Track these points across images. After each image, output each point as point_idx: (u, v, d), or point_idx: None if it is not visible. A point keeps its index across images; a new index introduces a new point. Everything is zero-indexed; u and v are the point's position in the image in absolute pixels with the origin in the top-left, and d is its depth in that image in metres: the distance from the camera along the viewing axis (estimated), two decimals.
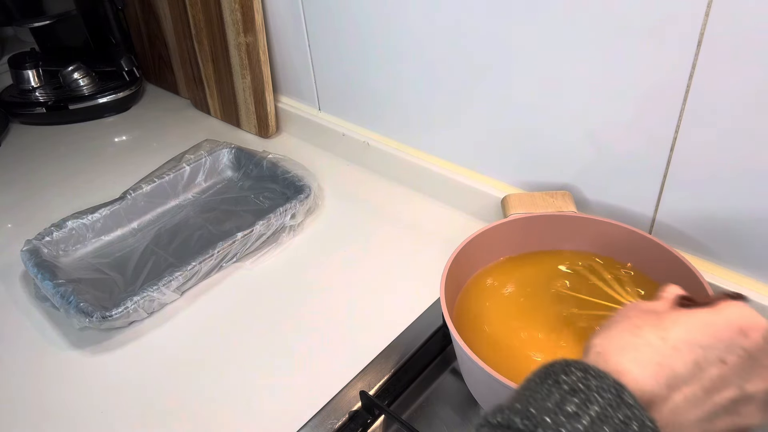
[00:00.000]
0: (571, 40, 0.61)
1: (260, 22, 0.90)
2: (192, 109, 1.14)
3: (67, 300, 0.66)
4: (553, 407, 0.27)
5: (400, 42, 0.76)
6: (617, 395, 0.27)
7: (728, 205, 0.58)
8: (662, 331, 0.30)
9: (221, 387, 0.61)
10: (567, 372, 0.28)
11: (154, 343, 0.67)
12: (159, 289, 0.68)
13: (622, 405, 0.27)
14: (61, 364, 0.65)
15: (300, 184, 0.83)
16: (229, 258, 0.75)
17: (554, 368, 0.29)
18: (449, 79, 0.74)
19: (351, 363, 0.61)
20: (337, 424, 0.56)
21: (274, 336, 0.66)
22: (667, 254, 0.57)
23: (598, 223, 0.62)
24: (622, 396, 0.27)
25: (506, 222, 0.63)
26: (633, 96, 0.59)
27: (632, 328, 0.31)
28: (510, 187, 0.76)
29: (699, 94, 0.55)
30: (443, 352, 0.62)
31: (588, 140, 0.65)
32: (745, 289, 0.59)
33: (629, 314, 0.33)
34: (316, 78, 0.93)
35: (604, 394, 0.27)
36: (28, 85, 1.12)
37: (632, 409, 0.27)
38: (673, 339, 0.30)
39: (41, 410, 0.61)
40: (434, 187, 0.83)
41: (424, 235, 0.79)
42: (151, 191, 0.85)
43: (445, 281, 0.55)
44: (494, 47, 0.67)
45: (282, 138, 1.03)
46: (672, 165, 0.60)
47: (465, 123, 0.76)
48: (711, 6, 0.50)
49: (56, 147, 1.05)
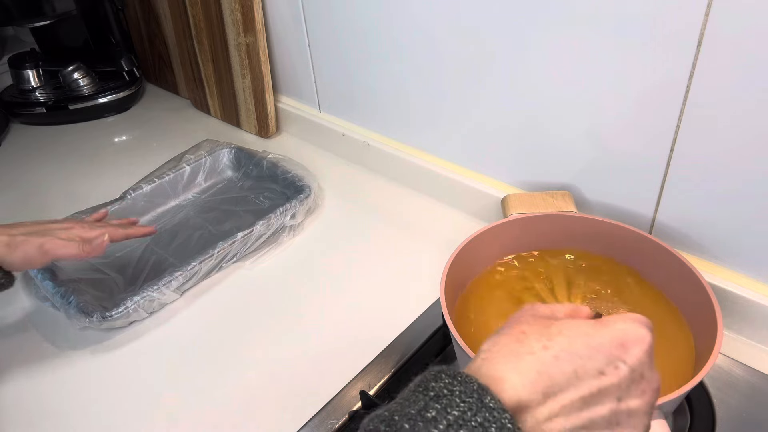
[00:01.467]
0: (571, 40, 0.61)
1: (260, 22, 0.90)
2: (192, 109, 1.14)
3: (67, 300, 0.66)
4: (416, 413, 0.28)
5: (400, 42, 0.76)
6: (478, 399, 0.28)
7: (728, 205, 0.58)
8: (546, 340, 0.31)
9: (221, 387, 0.61)
10: (437, 378, 0.30)
11: (154, 343, 0.67)
12: (159, 289, 0.68)
13: (483, 408, 0.28)
14: (61, 364, 0.65)
15: (300, 184, 0.83)
16: (229, 258, 0.75)
17: (427, 376, 0.30)
18: (450, 79, 0.74)
19: (351, 363, 0.61)
20: (337, 424, 0.56)
21: (274, 336, 0.66)
22: (667, 254, 0.57)
23: (598, 223, 0.62)
24: (483, 400, 0.28)
25: (506, 222, 0.63)
26: (633, 96, 0.59)
27: (519, 334, 0.32)
28: (510, 187, 0.76)
29: (699, 94, 0.55)
30: (443, 352, 0.62)
31: (588, 140, 0.65)
32: (745, 289, 0.59)
33: (522, 318, 0.34)
34: (316, 78, 0.93)
35: (466, 399, 0.28)
36: (28, 85, 1.12)
37: (492, 412, 0.28)
38: (555, 348, 0.31)
39: (41, 410, 0.61)
40: (434, 187, 0.83)
41: (425, 235, 0.79)
42: (151, 191, 0.85)
43: (445, 281, 0.55)
44: (494, 48, 0.67)
45: (282, 138, 1.03)
46: (672, 165, 0.60)
47: (465, 123, 0.76)
48: (711, 6, 0.50)
49: (56, 147, 1.05)
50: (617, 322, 0.33)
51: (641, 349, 0.32)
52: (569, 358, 0.31)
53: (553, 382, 0.30)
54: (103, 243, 0.64)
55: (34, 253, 0.59)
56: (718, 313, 0.50)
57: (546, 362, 0.30)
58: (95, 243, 0.63)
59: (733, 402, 0.55)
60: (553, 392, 0.30)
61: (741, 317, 0.60)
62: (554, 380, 0.30)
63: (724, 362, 0.58)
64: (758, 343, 0.60)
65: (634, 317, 0.34)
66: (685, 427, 0.53)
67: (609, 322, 0.33)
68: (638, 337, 0.32)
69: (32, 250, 0.59)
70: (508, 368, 0.30)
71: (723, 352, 0.57)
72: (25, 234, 0.60)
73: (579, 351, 0.31)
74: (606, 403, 0.31)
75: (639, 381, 0.32)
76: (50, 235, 0.61)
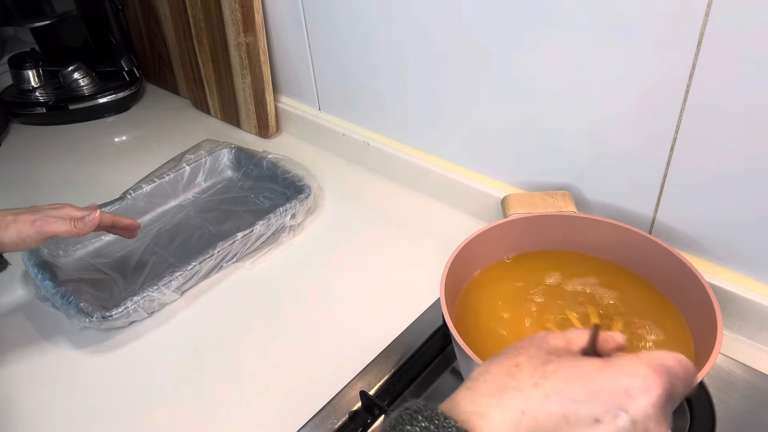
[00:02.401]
0: (572, 40, 0.61)
1: (260, 22, 0.90)
2: (192, 109, 1.14)
3: (67, 300, 0.66)
4: None
5: (400, 42, 0.76)
6: None
7: (728, 205, 0.58)
8: (539, 377, 0.29)
9: (221, 387, 0.61)
10: (413, 421, 0.28)
11: (154, 343, 0.67)
12: (159, 289, 0.68)
13: None
14: (61, 364, 0.65)
15: (300, 184, 0.83)
16: (229, 258, 0.75)
17: (403, 416, 0.29)
18: (450, 79, 0.74)
19: (351, 363, 0.61)
20: (337, 424, 0.56)
21: (274, 336, 0.66)
22: (667, 254, 0.57)
23: (598, 223, 0.62)
24: None
25: (506, 222, 0.63)
26: (633, 96, 0.59)
27: (512, 367, 0.30)
28: (510, 187, 0.76)
29: (699, 94, 0.55)
30: (443, 352, 0.62)
31: (588, 140, 0.65)
32: (745, 289, 0.59)
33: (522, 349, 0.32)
34: (316, 78, 0.93)
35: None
36: (28, 85, 1.12)
37: None
38: (547, 387, 0.29)
39: (41, 410, 0.61)
40: (434, 187, 0.83)
41: (424, 235, 0.79)
42: (151, 191, 0.85)
43: (445, 281, 0.55)
44: (494, 48, 0.67)
45: (282, 138, 1.03)
46: (672, 165, 0.60)
47: (465, 123, 0.76)
48: (711, 6, 0.50)
49: (56, 147, 1.05)
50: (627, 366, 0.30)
51: (648, 400, 0.28)
52: (560, 400, 0.28)
53: (537, 424, 0.28)
54: (95, 219, 0.64)
55: (26, 231, 0.60)
56: (718, 313, 0.50)
57: (533, 401, 0.28)
58: (87, 219, 0.63)
59: (733, 402, 0.55)
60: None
61: (741, 317, 0.60)
62: (539, 422, 0.28)
63: (724, 362, 0.58)
64: (758, 343, 0.60)
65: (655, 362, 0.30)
66: (685, 427, 0.53)
67: (618, 363, 0.30)
68: (647, 386, 0.29)
69: (25, 228, 0.60)
70: (491, 403, 0.29)
71: (723, 352, 0.57)
72: (15, 214, 0.61)
73: (574, 394, 0.28)
74: None
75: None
76: (41, 213, 0.62)
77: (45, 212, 0.63)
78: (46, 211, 0.63)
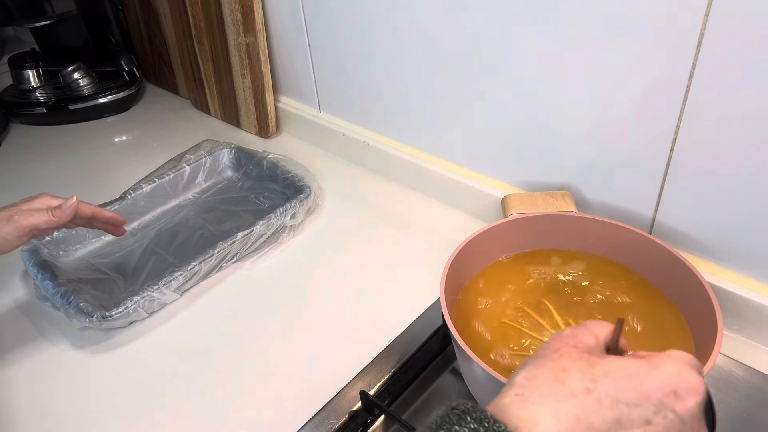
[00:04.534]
0: (572, 41, 0.61)
1: (260, 22, 0.90)
2: (192, 109, 1.14)
3: (67, 300, 0.66)
4: None
5: (400, 42, 0.76)
6: None
7: (728, 205, 0.58)
8: (590, 382, 0.29)
9: (221, 387, 0.61)
10: (461, 421, 0.28)
11: (154, 343, 0.67)
12: (159, 289, 0.68)
13: None
14: (61, 364, 0.65)
15: (300, 184, 0.83)
16: (229, 258, 0.75)
17: (451, 416, 0.28)
18: (450, 79, 0.74)
19: (351, 363, 0.61)
20: (337, 424, 0.56)
21: (274, 336, 0.66)
22: (667, 254, 0.57)
23: (598, 223, 0.62)
24: None
25: (506, 222, 0.63)
26: (633, 96, 0.59)
27: (560, 371, 0.30)
28: (510, 187, 0.76)
29: (699, 94, 0.55)
30: (443, 352, 0.62)
31: (588, 140, 0.65)
32: (745, 289, 0.59)
33: (562, 350, 0.32)
34: (316, 78, 0.93)
35: None
36: (28, 85, 1.12)
37: None
38: (599, 392, 0.29)
39: (41, 410, 0.61)
40: (434, 187, 0.83)
41: (424, 235, 0.79)
42: (151, 191, 0.85)
43: (445, 281, 0.55)
44: (494, 48, 0.67)
45: (282, 138, 1.03)
46: (672, 165, 0.60)
47: (465, 123, 0.76)
48: (711, 6, 0.50)
49: (56, 147, 1.05)
50: (668, 365, 0.30)
51: (695, 400, 0.30)
52: (613, 405, 0.29)
53: (591, 428, 0.28)
54: (73, 205, 0.62)
55: (5, 229, 0.58)
56: (718, 313, 0.50)
57: (588, 407, 0.28)
58: (64, 206, 0.62)
59: (733, 402, 0.55)
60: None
61: (741, 317, 0.60)
62: (593, 427, 0.28)
63: (724, 362, 0.58)
64: (758, 343, 0.60)
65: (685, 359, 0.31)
66: None
67: (659, 363, 0.30)
68: (693, 386, 0.30)
69: (2, 227, 0.58)
70: (544, 411, 0.29)
71: (723, 352, 0.57)
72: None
73: (625, 397, 0.29)
74: None
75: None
76: (16, 208, 0.61)
77: (19, 207, 0.61)
78: (20, 206, 0.62)
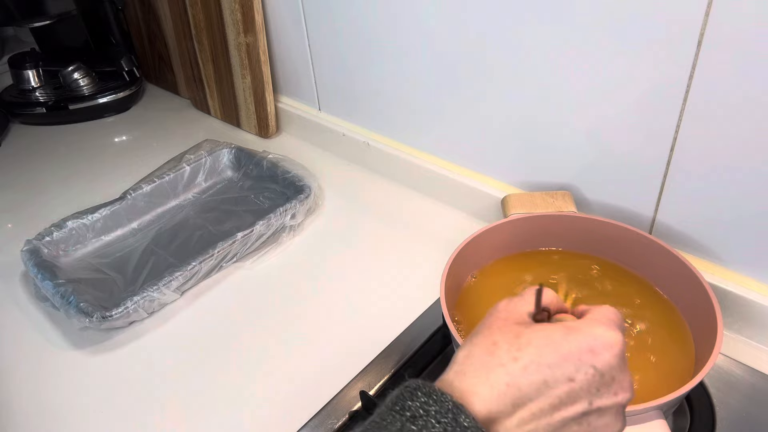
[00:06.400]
0: (571, 41, 0.60)
1: (260, 22, 0.90)
2: (192, 109, 1.14)
3: (67, 300, 0.66)
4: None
5: (400, 42, 0.76)
6: (453, 419, 0.29)
7: (728, 205, 0.58)
8: (516, 351, 0.33)
9: (221, 387, 0.61)
10: (413, 397, 0.31)
11: (154, 343, 0.67)
12: (159, 289, 0.68)
13: (458, 428, 0.29)
14: (61, 364, 0.65)
15: (300, 184, 0.83)
16: (229, 258, 0.75)
17: (404, 393, 0.31)
18: (450, 79, 0.74)
19: (351, 363, 0.61)
20: (337, 424, 0.56)
21: (274, 336, 0.66)
22: (667, 254, 0.57)
23: (598, 223, 0.62)
24: (458, 419, 0.29)
25: (506, 222, 0.63)
26: (633, 96, 0.59)
27: (490, 345, 0.33)
28: (510, 187, 0.76)
29: (699, 94, 0.55)
30: (443, 352, 0.62)
31: (588, 140, 0.65)
32: (745, 289, 0.59)
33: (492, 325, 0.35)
34: (316, 78, 0.93)
35: (441, 419, 0.29)
36: (28, 85, 1.12)
37: (467, 430, 0.29)
38: (525, 359, 0.32)
39: (41, 410, 0.61)
40: (434, 187, 0.83)
41: (424, 235, 0.79)
42: (151, 191, 0.85)
43: (445, 281, 0.55)
44: (494, 48, 0.67)
45: (282, 138, 1.03)
46: (672, 165, 0.60)
47: (466, 123, 0.76)
48: (711, 6, 0.50)
49: (56, 147, 1.05)
50: (587, 327, 0.34)
51: (612, 353, 0.33)
52: (538, 369, 0.32)
53: (522, 393, 0.31)
54: None
55: None
56: (718, 313, 0.50)
57: (515, 374, 0.32)
58: None
59: (733, 402, 0.55)
60: (523, 402, 0.31)
61: (741, 317, 0.60)
62: (523, 391, 0.31)
63: (724, 362, 0.58)
64: (758, 343, 0.60)
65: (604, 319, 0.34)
66: (685, 427, 0.53)
67: (580, 327, 0.34)
68: (608, 342, 0.33)
69: None
70: (479, 381, 0.32)
71: (723, 352, 0.57)
72: None
73: (548, 360, 0.32)
74: (577, 406, 0.32)
75: (610, 383, 0.33)
76: None
77: None
78: None
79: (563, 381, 0.32)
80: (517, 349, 0.33)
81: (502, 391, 0.31)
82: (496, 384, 0.31)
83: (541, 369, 0.32)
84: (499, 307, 0.37)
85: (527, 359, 0.32)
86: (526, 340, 0.33)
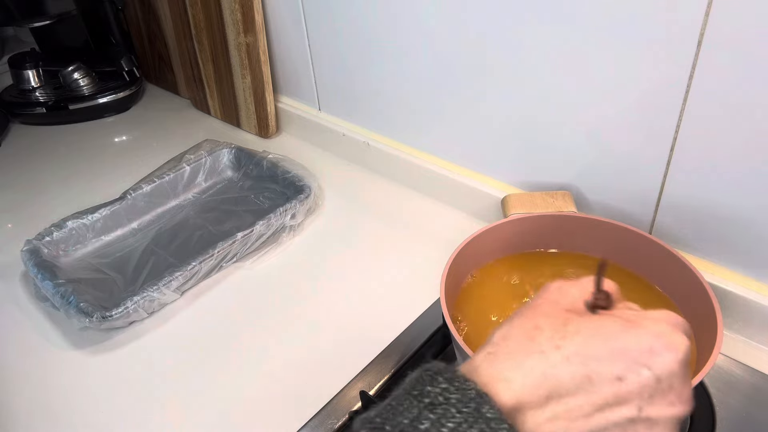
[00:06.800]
0: (572, 41, 0.60)
1: (260, 22, 0.90)
2: (192, 109, 1.14)
3: (67, 300, 0.66)
4: (409, 424, 0.27)
5: (400, 42, 0.76)
6: (476, 409, 0.27)
7: (728, 205, 0.58)
8: (560, 339, 0.29)
9: (221, 387, 0.61)
10: (433, 382, 0.28)
11: (154, 343, 0.67)
12: (159, 289, 0.68)
13: (480, 420, 0.26)
14: (61, 364, 0.65)
15: (300, 184, 0.83)
16: (229, 258, 0.75)
17: (424, 377, 0.28)
18: (450, 79, 0.74)
19: (351, 363, 0.61)
20: (337, 424, 0.56)
21: (274, 336, 0.66)
22: (667, 254, 0.57)
23: (598, 223, 0.62)
24: (481, 410, 0.27)
25: (506, 222, 0.63)
26: (633, 96, 0.59)
27: (532, 329, 0.30)
28: (510, 187, 0.76)
29: (699, 94, 0.55)
30: (443, 352, 0.62)
31: (588, 140, 0.65)
32: (745, 289, 0.59)
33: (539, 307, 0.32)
34: (316, 78, 0.93)
35: (462, 409, 0.27)
36: (28, 85, 1.12)
37: (490, 422, 0.26)
38: (569, 349, 0.29)
39: (41, 410, 0.61)
40: (434, 187, 0.83)
41: (424, 235, 0.79)
42: (151, 191, 0.85)
43: (445, 281, 0.55)
44: (494, 48, 0.67)
45: (282, 138, 1.03)
46: (672, 165, 0.60)
47: (465, 123, 0.76)
48: (711, 6, 0.50)
49: (56, 147, 1.05)
50: (651, 323, 0.30)
51: (674, 357, 0.29)
52: (582, 361, 0.28)
53: (560, 385, 0.28)
54: None
55: None
56: (718, 313, 0.50)
57: (555, 364, 0.28)
58: None
59: (733, 402, 0.55)
60: (559, 395, 0.28)
61: (741, 317, 0.60)
62: (561, 383, 0.28)
63: (724, 362, 0.58)
64: (758, 343, 0.60)
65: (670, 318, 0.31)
66: (685, 427, 0.53)
67: (641, 322, 0.30)
68: (672, 344, 0.29)
69: None
70: (511, 366, 0.29)
71: (723, 352, 0.57)
72: None
73: (596, 353, 0.28)
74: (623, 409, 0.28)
75: (667, 391, 0.29)
76: None
77: None
78: None
79: (610, 379, 0.28)
80: (562, 337, 0.29)
81: (537, 381, 0.28)
82: (531, 372, 0.28)
83: (586, 362, 0.28)
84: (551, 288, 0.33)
85: (572, 349, 0.29)
86: (574, 328, 0.29)
